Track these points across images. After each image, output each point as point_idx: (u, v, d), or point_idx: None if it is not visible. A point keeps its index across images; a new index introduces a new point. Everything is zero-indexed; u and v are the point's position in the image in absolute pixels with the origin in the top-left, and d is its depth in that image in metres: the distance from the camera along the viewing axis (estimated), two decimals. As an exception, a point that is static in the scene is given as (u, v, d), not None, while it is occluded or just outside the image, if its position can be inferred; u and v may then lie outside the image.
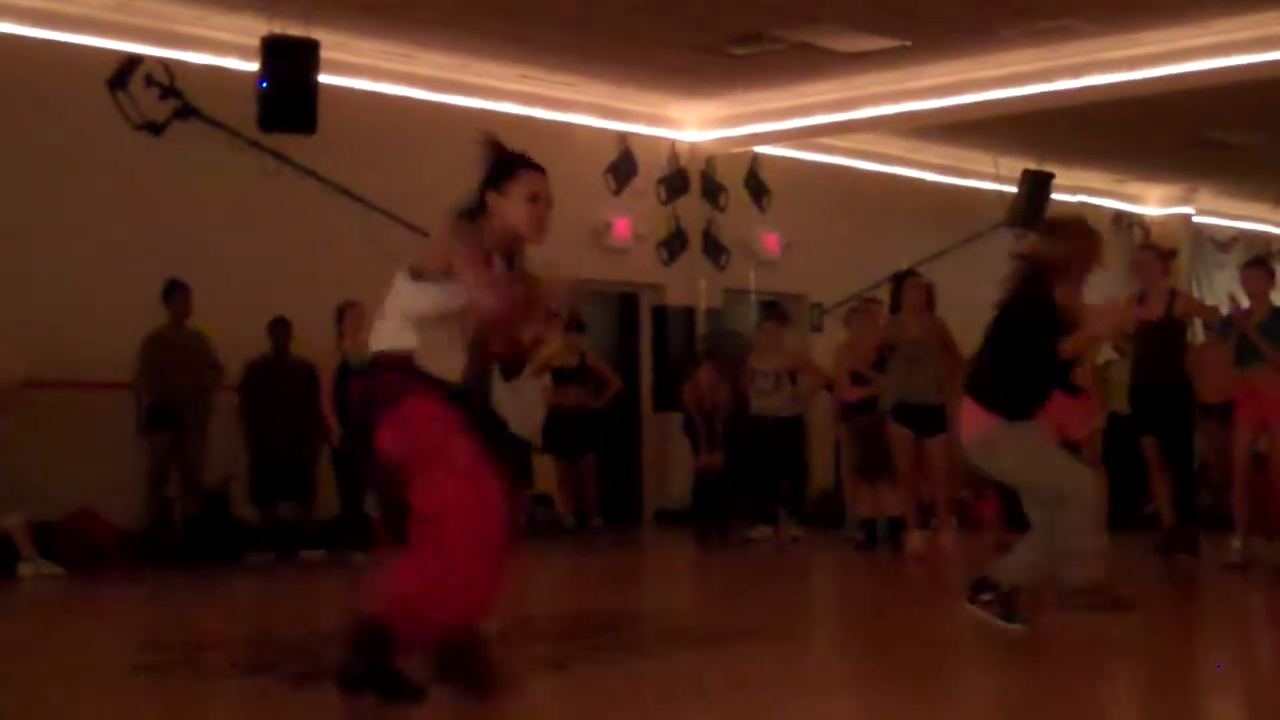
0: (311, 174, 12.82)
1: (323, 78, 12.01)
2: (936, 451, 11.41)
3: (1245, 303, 10.21)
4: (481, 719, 5.63)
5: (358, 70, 13.16)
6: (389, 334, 5.65)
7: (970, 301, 12.96)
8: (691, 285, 15.88)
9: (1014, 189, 16.66)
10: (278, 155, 12.49)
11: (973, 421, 7.23)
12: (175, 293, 11.79)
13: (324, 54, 11.98)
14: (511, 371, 11.92)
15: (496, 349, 10.74)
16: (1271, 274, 10.53)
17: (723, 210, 16.06)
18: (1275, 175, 18.23)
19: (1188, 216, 20.52)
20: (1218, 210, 20.82)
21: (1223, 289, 17.78)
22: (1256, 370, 10.04)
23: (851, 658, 7.06)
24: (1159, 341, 10.95)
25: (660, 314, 15.90)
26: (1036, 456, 7.19)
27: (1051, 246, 7.28)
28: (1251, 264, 10.60)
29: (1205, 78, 13.09)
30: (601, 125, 15.10)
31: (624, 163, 15.27)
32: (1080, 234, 7.35)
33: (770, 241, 16.25)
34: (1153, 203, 20.52)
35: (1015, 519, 12.01)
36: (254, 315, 12.17)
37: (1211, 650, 7.48)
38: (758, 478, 13.14)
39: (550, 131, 14.55)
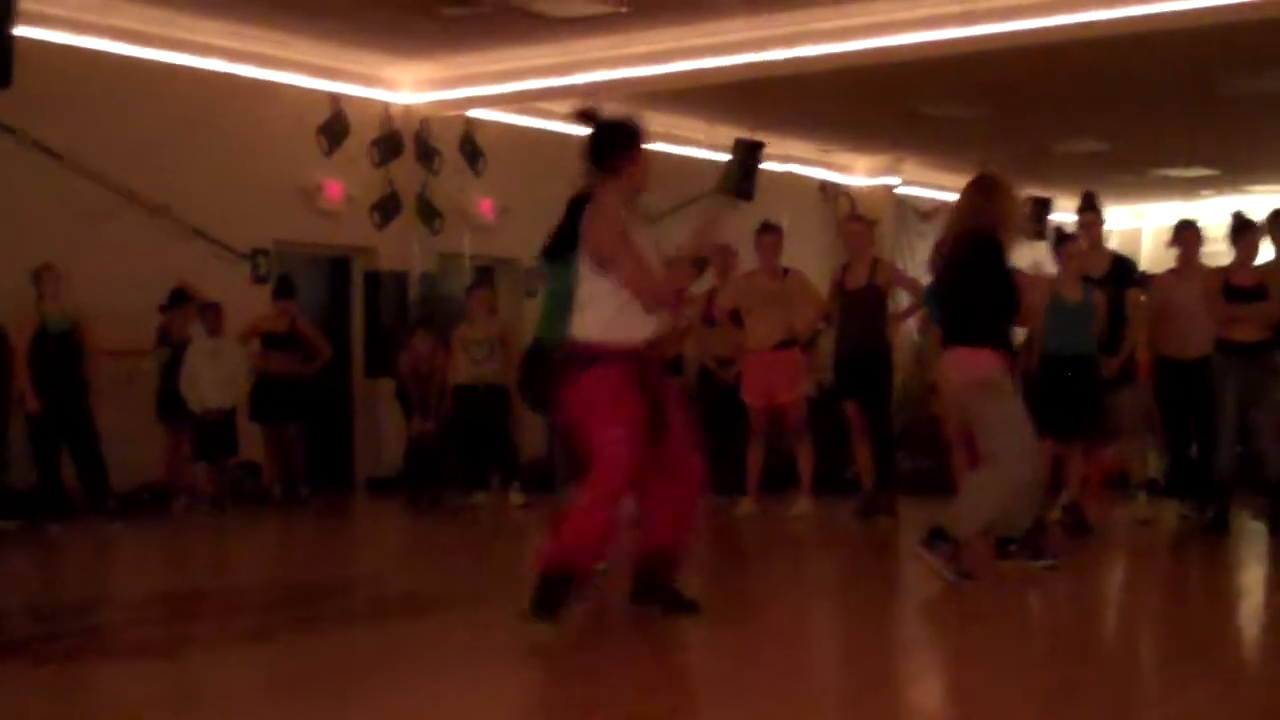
0: (8, 130, 12.33)
1: (20, 30, 11.50)
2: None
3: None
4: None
5: (56, 22, 12.64)
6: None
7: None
8: (405, 249, 15.70)
9: (726, 157, 16.86)
10: (-30, 110, 12.01)
11: (970, 363, 7.67)
12: None
13: (21, 4, 11.45)
14: None
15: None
16: None
17: (437, 174, 15.92)
18: (975, 148, 18.78)
19: (892, 187, 21.06)
20: (921, 181, 21.41)
21: (924, 258, 18.28)
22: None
23: (566, 622, 7.06)
24: (862, 309, 11.25)
25: (373, 278, 15.69)
26: (1011, 422, 7.65)
27: (991, 206, 7.80)
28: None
29: (912, 51, 13.37)
30: (313, 85, 14.80)
31: (336, 123, 15.00)
32: (1010, 191, 7.93)
33: (485, 206, 16.17)
34: (860, 173, 20.99)
35: (722, 484, 12.29)
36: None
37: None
38: (469, 445, 13.08)
39: (259, 90, 14.25)
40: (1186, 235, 10.71)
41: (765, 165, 17.05)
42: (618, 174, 6.69)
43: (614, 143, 6.79)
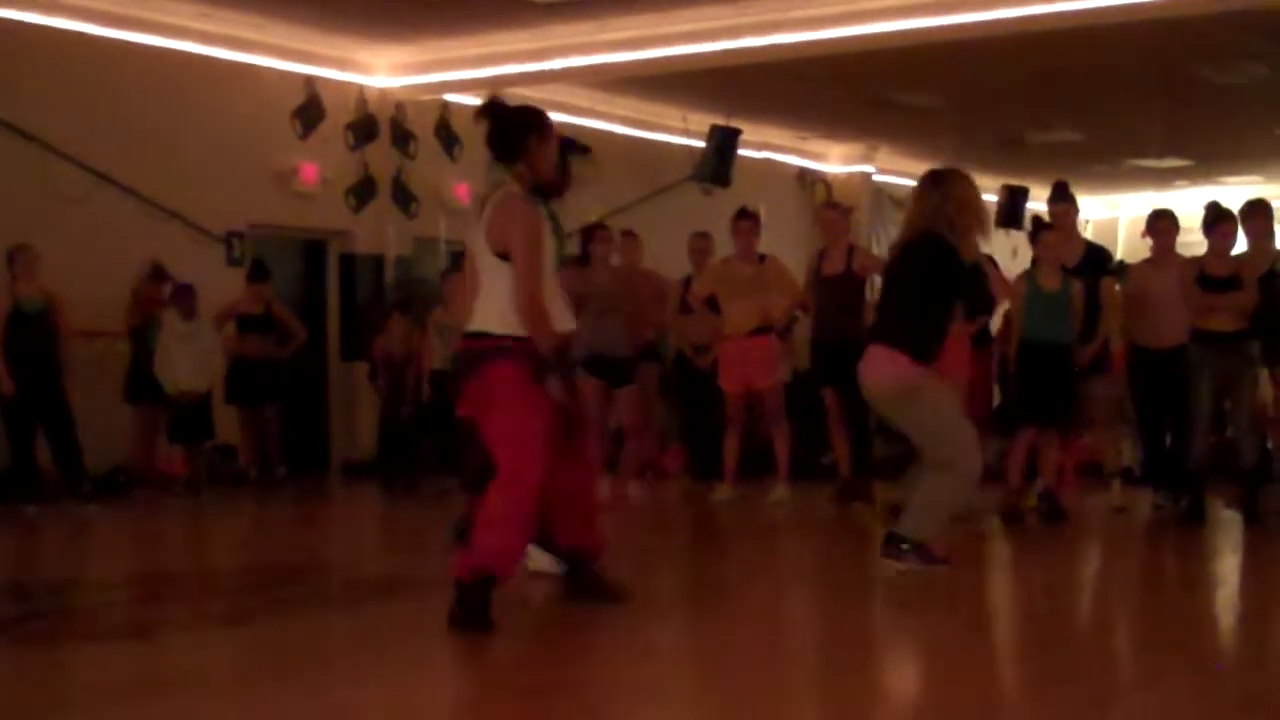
0: (-21, 111, 12.30)
1: (-7, 10, 11.48)
2: (625, 403, 11.55)
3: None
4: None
5: (30, 3, 12.59)
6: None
7: (657, 252, 13.20)
8: (380, 233, 15.67)
9: (702, 144, 16.87)
10: (-58, 90, 11.97)
11: (882, 364, 7.40)
12: None
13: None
14: None
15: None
16: None
17: (412, 158, 15.88)
18: (951, 135, 18.82)
19: (868, 174, 21.10)
20: (896, 169, 21.43)
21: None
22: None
23: (537, 608, 7.06)
24: (839, 296, 11.26)
25: (348, 262, 15.66)
26: (947, 420, 7.43)
27: (946, 202, 7.49)
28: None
29: (886, 39, 13.41)
30: (288, 68, 14.75)
31: (311, 107, 14.95)
32: (966, 185, 7.61)
33: (461, 190, 16.12)
34: (835, 160, 21.03)
35: (700, 470, 12.30)
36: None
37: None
38: (444, 430, 13.05)
39: (234, 72, 14.21)
40: (1161, 225, 10.73)
41: (742, 152, 17.14)
42: (519, 164, 6.37)
43: (512, 131, 6.43)
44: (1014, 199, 19.51)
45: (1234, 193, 17.32)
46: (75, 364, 11.80)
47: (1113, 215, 24.34)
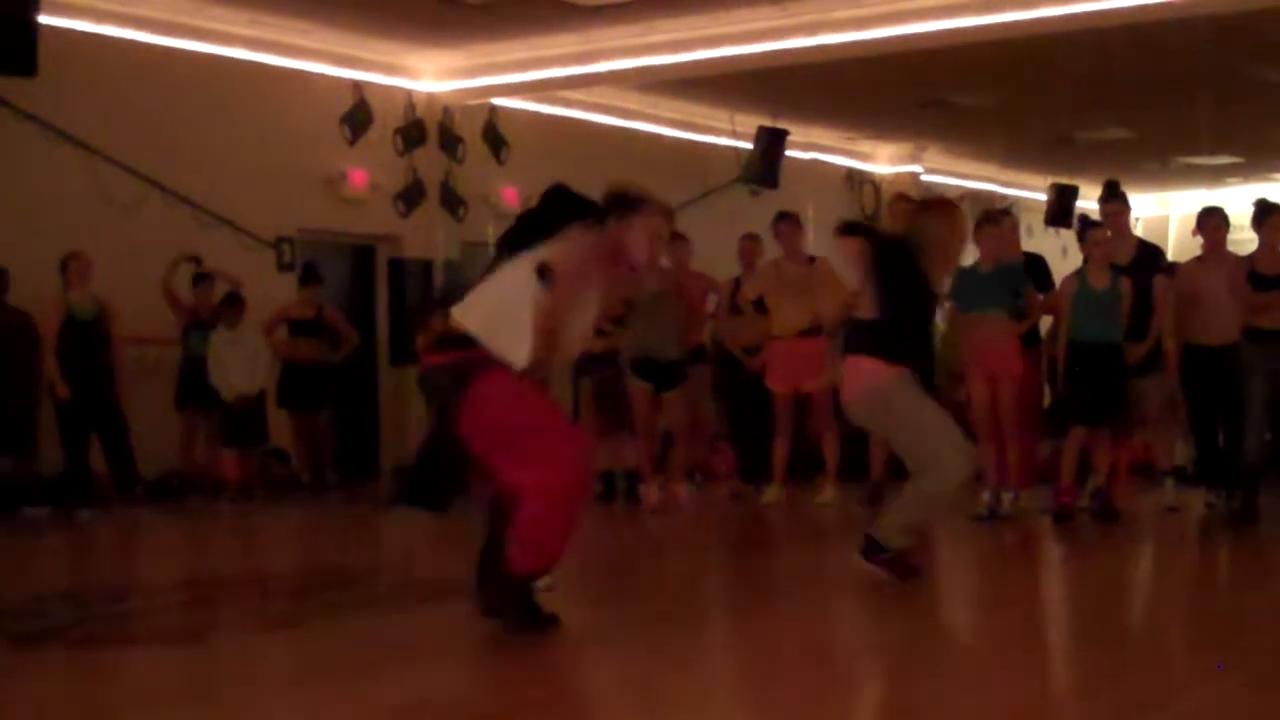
0: (32, 118, 12.39)
1: (44, 19, 11.54)
2: (674, 405, 11.55)
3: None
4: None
5: (81, 11, 12.70)
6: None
7: (706, 254, 13.19)
8: (429, 237, 15.73)
9: (749, 145, 16.85)
10: (-4, 98, 12.08)
11: (860, 373, 7.37)
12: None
13: (46, -6, 11.52)
14: None
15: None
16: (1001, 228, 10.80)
17: (460, 162, 15.94)
18: (1000, 134, 18.77)
19: (917, 174, 21.02)
20: (945, 168, 21.37)
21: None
22: (975, 316, 10.30)
23: (593, 610, 7.06)
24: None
25: (397, 266, 15.72)
26: (924, 422, 7.34)
27: (925, 229, 7.54)
28: (983, 221, 10.86)
29: (933, 39, 13.37)
30: (336, 73, 14.82)
31: (359, 112, 15.02)
32: (952, 217, 7.65)
33: (509, 194, 16.17)
34: (883, 161, 20.97)
35: (750, 472, 12.28)
36: (-30, 265, 11.71)
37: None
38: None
39: (283, 79, 14.29)
40: (1212, 222, 10.65)
41: (789, 153, 17.12)
42: (604, 228, 6.22)
43: (609, 206, 6.31)
44: (1063, 197, 19.43)
45: (1286, 189, 17.19)
46: (128, 370, 11.91)
47: (1163, 213, 24.18)
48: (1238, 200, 16.65)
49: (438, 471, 6.60)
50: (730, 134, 17.33)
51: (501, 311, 6.03)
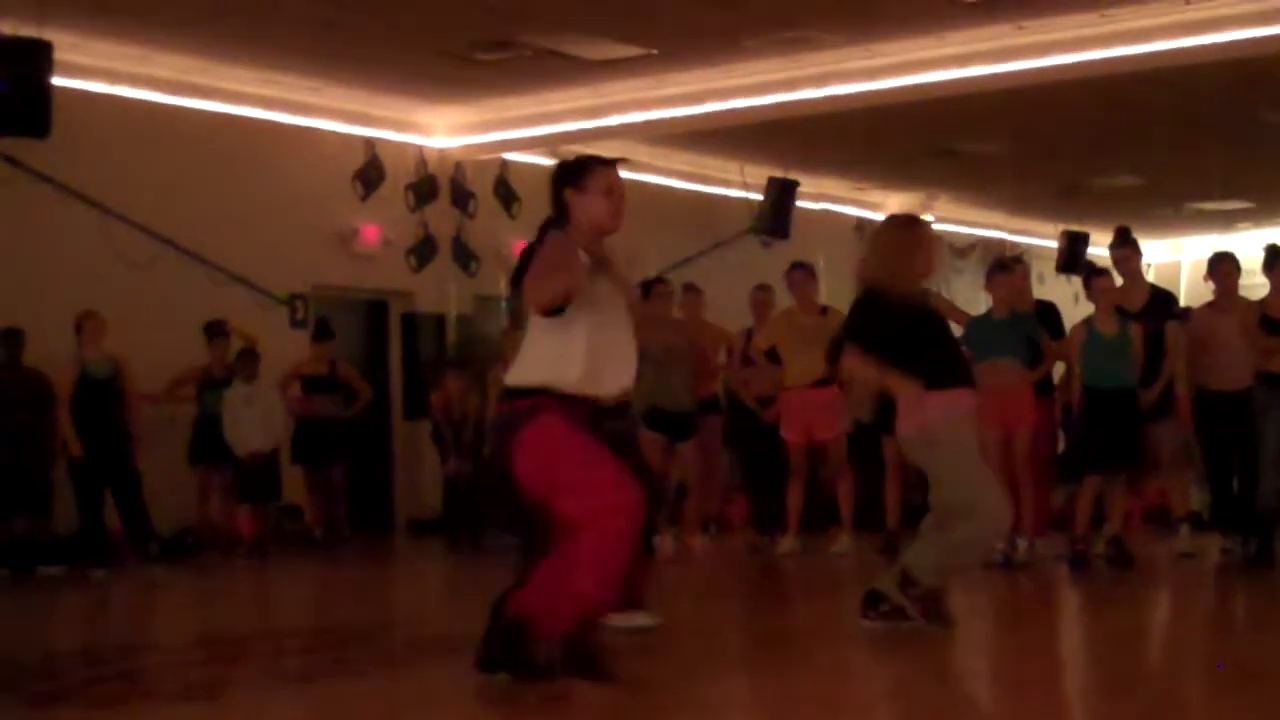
0: (46, 179, 12.46)
1: (56, 80, 11.62)
2: (687, 456, 11.55)
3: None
4: None
5: (93, 72, 12.78)
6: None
7: (718, 305, 13.22)
8: (441, 292, 15.77)
9: (760, 196, 16.90)
10: (10, 159, 12.13)
11: (914, 410, 7.30)
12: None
13: (57, 55, 11.57)
14: None
15: None
16: (1014, 276, 10.86)
17: (472, 217, 16.00)
18: (1009, 183, 18.78)
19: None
20: (956, 217, 21.38)
21: (960, 294, 18.28)
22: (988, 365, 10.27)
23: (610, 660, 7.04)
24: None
25: (410, 321, 15.76)
26: (968, 468, 7.28)
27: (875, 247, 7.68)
28: (996, 269, 10.90)
29: (943, 88, 13.40)
30: (348, 130, 14.91)
31: (371, 168, 15.10)
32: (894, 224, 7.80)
33: (520, 247, 16.18)
34: (893, 210, 20.95)
35: (763, 522, 12.26)
36: (-15, 325, 11.76)
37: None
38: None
39: (295, 136, 14.37)
40: (1223, 268, 10.68)
41: (800, 203, 17.15)
42: (566, 214, 6.25)
43: (558, 180, 6.31)
44: (1074, 244, 19.43)
45: (1297, 234, 17.17)
46: (142, 427, 11.94)
47: (1175, 259, 24.17)
48: (1249, 245, 16.67)
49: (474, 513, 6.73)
50: (741, 185, 17.37)
51: (533, 351, 6.11)
